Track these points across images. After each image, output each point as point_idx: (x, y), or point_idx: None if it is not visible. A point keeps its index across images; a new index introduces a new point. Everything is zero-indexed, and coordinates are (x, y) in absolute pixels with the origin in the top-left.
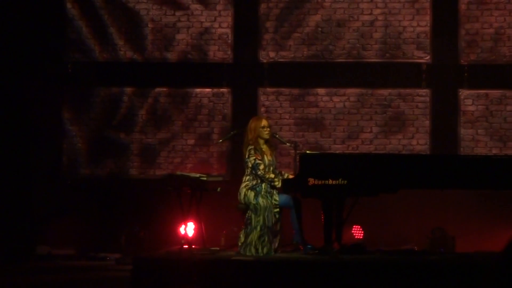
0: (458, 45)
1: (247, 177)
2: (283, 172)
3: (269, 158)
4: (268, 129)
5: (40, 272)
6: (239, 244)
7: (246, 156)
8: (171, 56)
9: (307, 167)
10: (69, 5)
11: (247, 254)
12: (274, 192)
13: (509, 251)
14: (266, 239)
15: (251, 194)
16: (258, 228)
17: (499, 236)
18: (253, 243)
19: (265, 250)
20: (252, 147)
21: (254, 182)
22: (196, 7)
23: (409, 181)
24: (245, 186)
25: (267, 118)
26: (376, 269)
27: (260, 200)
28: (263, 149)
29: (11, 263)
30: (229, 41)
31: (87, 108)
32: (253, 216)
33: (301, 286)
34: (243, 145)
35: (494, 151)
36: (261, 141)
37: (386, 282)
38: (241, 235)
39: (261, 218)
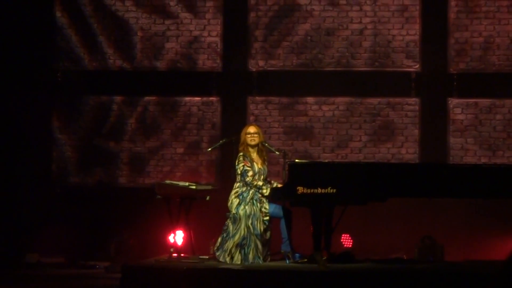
0: (447, 53)
1: (237, 184)
2: (272, 181)
3: (260, 166)
4: (255, 135)
5: (29, 280)
6: (215, 247)
7: (236, 163)
8: (161, 64)
9: (296, 175)
10: (58, 14)
11: (221, 260)
12: (264, 201)
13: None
14: (252, 247)
15: (235, 202)
16: (237, 237)
17: (488, 245)
18: (228, 250)
19: (252, 257)
20: (242, 154)
21: (244, 189)
22: (185, 15)
23: (398, 190)
24: (234, 193)
25: (257, 126)
26: (365, 277)
27: (241, 208)
28: (253, 157)
29: (0, 271)
30: (218, 50)
31: (77, 117)
32: (231, 224)
33: None
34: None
35: (483, 160)
36: (252, 149)
37: None
38: (219, 239)
39: (241, 227)
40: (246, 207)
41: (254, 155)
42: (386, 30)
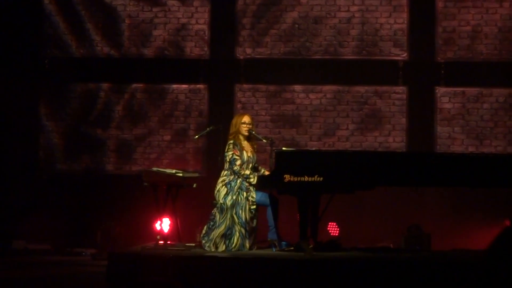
0: (435, 42)
1: (225, 172)
2: (260, 167)
3: (249, 155)
4: (249, 125)
5: (16, 267)
6: (201, 235)
7: (225, 151)
8: (148, 52)
9: (283, 163)
10: (46, 1)
11: (206, 249)
12: (251, 189)
13: (494, 249)
14: (237, 236)
15: (223, 192)
16: (223, 227)
17: (475, 234)
18: (214, 240)
19: (235, 246)
20: (232, 142)
21: (231, 178)
22: (173, 3)
23: (385, 179)
24: (221, 182)
25: (250, 116)
26: (351, 266)
27: (228, 199)
28: (244, 146)
29: None
30: (206, 38)
31: (64, 104)
32: (217, 214)
33: (275, 282)
34: (226, 140)
35: (471, 149)
36: (242, 137)
37: (361, 279)
38: (205, 227)
39: (227, 217)
40: (234, 196)
41: (244, 143)
42: (373, 18)
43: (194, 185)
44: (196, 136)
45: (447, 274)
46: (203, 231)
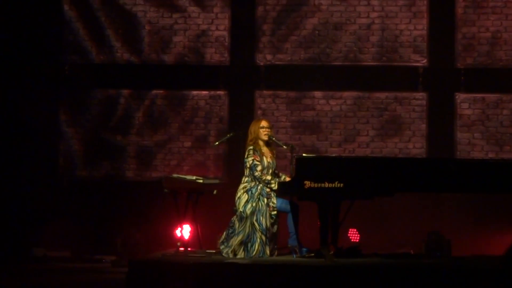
0: (454, 48)
1: (246, 179)
2: (281, 174)
3: (269, 160)
4: (267, 130)
5: (36, 274)
6: (219, 240)
7: (245, 157)
8: (168, 58)
9: (303, 170)
10: (66, 7)
11: (224, 255)
12: (272, 195)
13: (510, 255)
14: (258, 242)
15: (243, 199)
16: (241, 235)
17: (495, 240)
18: (233, 247)
19: (256, 253)
20: (252, 147)
21: (252, 184)
22: (193, 9)
23: (405, 185)
24: (242, 188)
25: (268, 120)
26: (372, 272)
27: (248, 207)
28: (263, 151)
29: (7, 264)
30: (226, 44)
31: (84, 110)
32: (237, 222)
33: None
34: (245, 147)
35: (490, 155)
36: (261, 143)
37: (381, 286)
38: (224, 234)
39: (246, 225)
40: (254, 204)
41: (264, 148)
42: (393, 24)
43: (215, 192)
44: (217, 143)
45: (467, 280)
46: (222, 237)
